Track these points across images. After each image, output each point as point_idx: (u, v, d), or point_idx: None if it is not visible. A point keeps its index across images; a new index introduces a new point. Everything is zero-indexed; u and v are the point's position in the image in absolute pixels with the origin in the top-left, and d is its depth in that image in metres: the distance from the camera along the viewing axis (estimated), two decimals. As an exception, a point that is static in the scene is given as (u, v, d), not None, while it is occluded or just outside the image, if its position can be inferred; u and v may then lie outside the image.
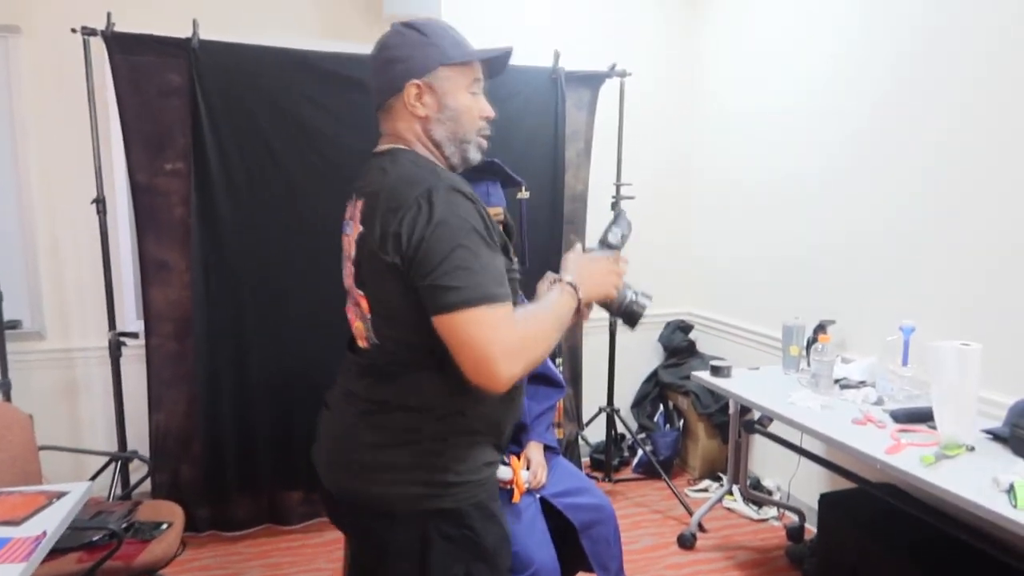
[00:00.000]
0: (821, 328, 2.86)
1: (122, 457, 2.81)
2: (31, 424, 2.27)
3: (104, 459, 2.93)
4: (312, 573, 2.82)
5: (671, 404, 3.91)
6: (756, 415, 2.95)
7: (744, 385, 2.74)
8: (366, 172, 1.35)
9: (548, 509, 1.95)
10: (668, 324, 4.03)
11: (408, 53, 1.32)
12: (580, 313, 1.32)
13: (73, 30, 2.67)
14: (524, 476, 1.91)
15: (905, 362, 2.46)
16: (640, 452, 3.73)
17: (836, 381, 2.61)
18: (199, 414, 2.96)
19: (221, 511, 3.05)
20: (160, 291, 2.92)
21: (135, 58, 2.75)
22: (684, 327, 4.00)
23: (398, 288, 1.20)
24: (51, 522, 1.61)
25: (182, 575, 2.78)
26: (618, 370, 3.60)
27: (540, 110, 3.22)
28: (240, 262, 2.92)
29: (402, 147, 1.34)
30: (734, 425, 3.03)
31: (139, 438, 3.05)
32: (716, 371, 2.86)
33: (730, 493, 3.21)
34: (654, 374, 4.02)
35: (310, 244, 2.98)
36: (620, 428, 3.70)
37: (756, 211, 3.45)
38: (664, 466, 3.58)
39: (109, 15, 2.68)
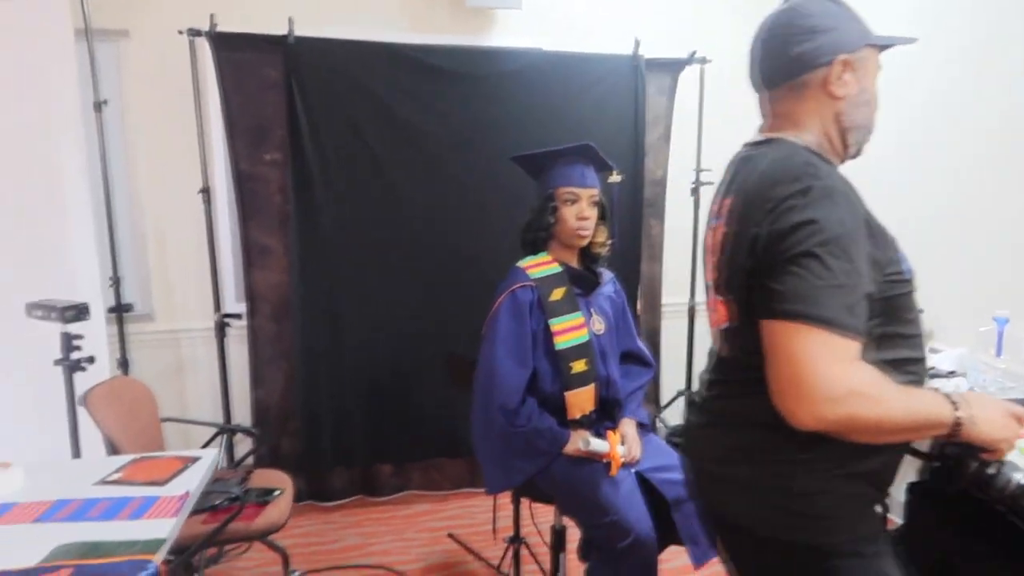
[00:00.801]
0: (909, 313, 2.84)
1: (230, 429, 3.00)
2: (154, 399, 2.46)
3: (211, 431, 3.14)
4: (403, 542, 2.96)
5: (748, 387, 3.91)
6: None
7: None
8: (737, 165, 1.25)
9: (642, 484, 2.01)
10: (745, 307, 4.02)
11: (834, 24, 1.16)
12: (953, 436, 1.06)
13: (180, 32, 2.85)
14: (620, 450, 1.98)
15: (999, 353, 2.42)
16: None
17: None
18: (297, 391, 3.13)
19: (318, 482, 3.22)
20: (261, 274, 3.09)
21: (236, 55, 2.91)
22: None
23: (751, 296, 1.09)
24: (191, 483, 1.76)
25: (285, 540, 2.95)
26: (697, 354, 3.63)
27: (622, 96, 3.26)
28: (335, 246, 3.07)
29: (785, 136, 1.19)
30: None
31: (241, 413, 3.26)
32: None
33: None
34: (730, 357, 4.01)
35: (400, 229, 3.12)
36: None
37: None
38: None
39: (212, 16, 2.84)
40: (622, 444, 2.02)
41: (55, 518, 1.57)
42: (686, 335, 3.58)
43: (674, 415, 3.77)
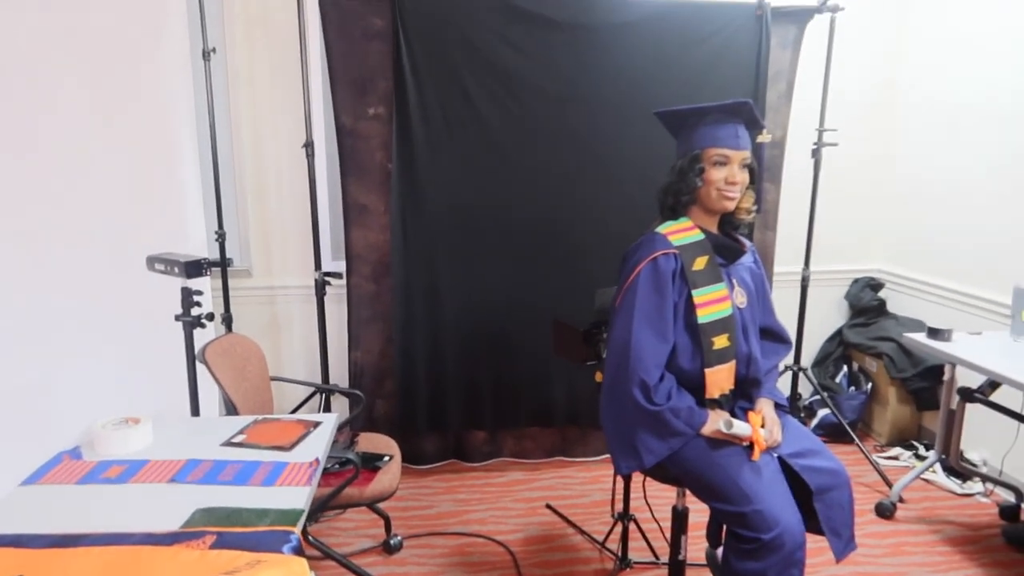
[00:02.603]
0: (1062, 292, 2.58)
1: (330, 390, 2.97)
2: (263, 357, 2.42)
3: (305, 391, 3.13)
4: (499, 511, 2.90)
5: (856, 365, 3.69)
6: (974, 384, 2.71)
7: (969, 350, 2.51)
8: None
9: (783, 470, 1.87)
10: (856, 281, 3.78)
11: None
12: None
13: (287, -24, 2.74)
14: (763, 433, 1.84)
15: None
16: (821, 413, 3.56)
17: (1088, 351, 2.35)
18: (394, 353, 3.07)
19: (412, 445, 3.17)
20: (360, 233, 3.02)
21: (342, 2, 2.79)
22: (874, 285, 3.73)
23: None
24: (317, 450, 1.70)
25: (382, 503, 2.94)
26: (808, 327, 3.41)
27: (741, 49, 3.02)
28: (436, 207, 2.97)
29: None
30: (948, 393, 2.80)
31: (335, 373, 3.23)
32: (934, 333, 2.64)
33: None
34: (838, 333, 3.80)
35: (503, 189, 2.99)
36: (800, 388, 3.54)
37: (978, 156, 3.12)
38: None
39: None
40: (763, 426, 1.88)
41: (188, 479, 1.53)
42: (797, 307, 3.37)
43: (781, 390, 3.58)
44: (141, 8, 2.46)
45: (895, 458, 3.39)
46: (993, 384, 2.66)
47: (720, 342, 1.86)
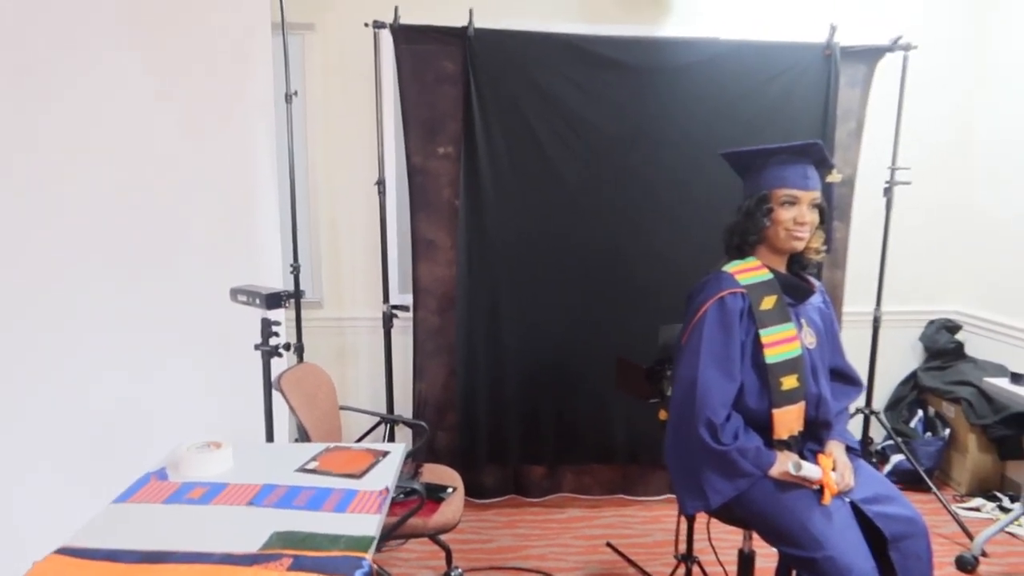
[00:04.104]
0: None
1: (395, 420, 3.03)
2: (334, 386, 2.50)
3: (369, 420, 3.19)
4: (559, 548, 2.88)
5: (932, 410, 3.55)
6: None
7: (1056, 397, 2.40)
8: None
9: (856, 516, 1.82)
10: (931, 323, 3.65)
11: None
12: None
13: (365, 24, 2.88)
14: (833, 476, 1.79)
15: None
16: (895, 459, 3.42)
17: None
18: (457, 385, 3.12)
19: (472, 478, 3.19)
20: (427, 267, 3.10)
21: (416, 47, 2.92)
22: (951, 327, 3.60)
23: None
24: (387, 479, 1.74)
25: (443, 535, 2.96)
26: (879, 368, 3.32)
27: (809, 88, 3.01)
28: (501, 243, 3.03)
29: None
30: (1034, 441, 2.67)
31: (399, 404, 3.29)
32: (1017, 379, 2.54)
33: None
34: (912, 376, 3.66)
35: (567, 227, 3.04)
36: (871, 432, 3.42)
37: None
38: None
39: (396, 9, 2.86)
40: (834, 470, 1.83)
41: (265, 503, 1.59)
42: (868, 348, 3.28)
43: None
44: (231, 55, 2.63)
45: (976, 509, 3.22)
46: (1083, 433, 2.52)
47: (788, 382, 1.83)
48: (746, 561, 2.08)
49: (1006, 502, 3.21)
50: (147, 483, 1.69)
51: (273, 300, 1.95)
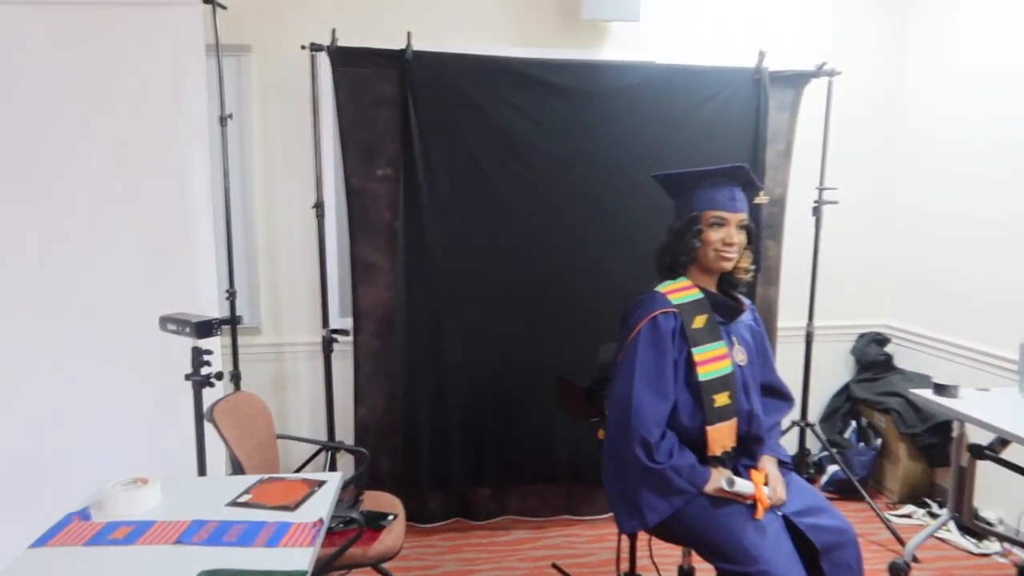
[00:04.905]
0: (1067, 347, 2.59)
1: (337, 447, 2.98)
2: (271, 415, 2.44)
3: (309, 448, 3.14)
4: (504, 571, 2.86)
5: (865, 421, 3.67)
6: (985, 440, 2.69)
7: (976, 407, 2.50)
8: None
9: (787, 529, 1.86)
10: (862, 336, 3.79)
11: None
12: None
13: (302, 47, 2.86)
14: (766, 491, 1.83)
15: None
16: (831, 469, 3.52)
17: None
18: (399, 409, 3.09)
19: (416, 503, 3.16)
20: (367, 291, 3.07)
21: (354, 70, 2.91)
22: (880, 340, 3.74)
23: None
24: (321, 509, 1.71)
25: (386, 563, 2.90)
26: (814, 381, 3.42)
27: (741, 111, 3.11)
28: (441, 265, 3.03)
29: None
30: (957, 450, 2.78)
31: (340, 430, 3.24)
32: (941, 389, 2.63)
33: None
34: (845, 388, 3.78)
35: (508, 248, 3.06)
36: (808, 444, 3.51)
37: (980, 212, 3.16)
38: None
39: (334, 31, 2.85)
40: (766, 484, 1.88)
41: (193, 540, 1.54)
42: (802, 361, 3.38)
43: (788, 446, 3.56)
44: (163, 77, 2.58)
45: (908, 516, 3.33)
46: (1004, 441, 2.64)
47: (721, 399, 1.87)
48: (686, 577, 2.10)
49: (935, 508, 3.33)
50: (69, 524, 1.62)
51: (204, 328, 1.90)
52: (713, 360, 1.88)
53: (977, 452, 2.68)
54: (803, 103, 3.24)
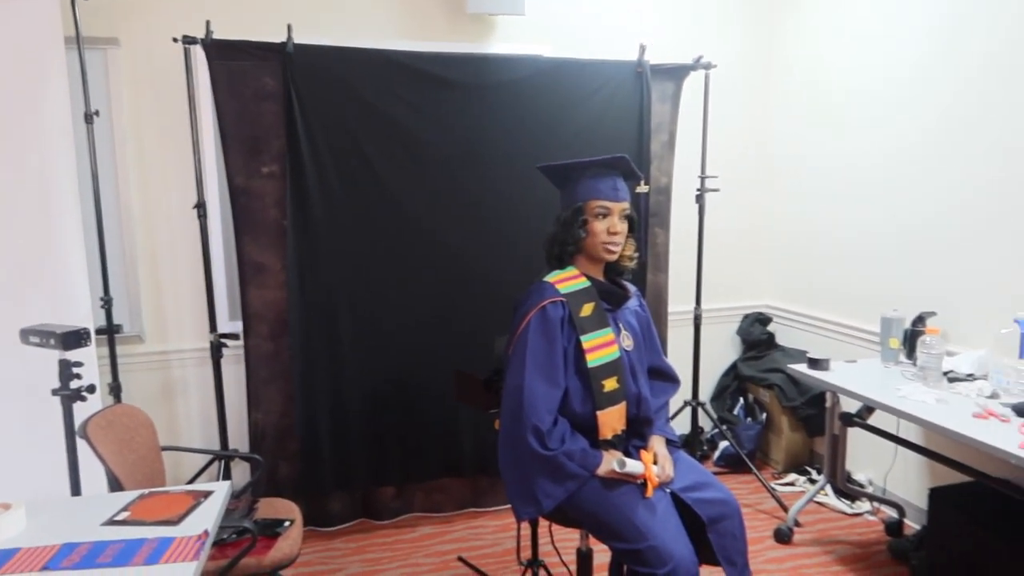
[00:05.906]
0: (920, 320, 2.83)
1: (229, 456, 2.87)
2: (154, 427, 2.33)
3: (205, 458, 3.01)
4: (410, 568, 2.85)
5: (751, 397, 3.88)
6: (854, 408, 2.90)
7: (845, 378, 2.70)
8: None
9: (675, 504, 1.94)
10: (746, 317, 4.00)
11: None
12: None
13: (175, 39, 2.72)
14: (655, 470, 1.91)
15: (1022, 355, 2.40)
16: (722, 445, 3.71)
17: (944, 374, 2.56)
18: (295, 412, 3.01)
19: (317, 507, 3.10)
20: (257, 292, 2.96)
21: (232, 64, 2.79)
22: (763, 319, 3.96)
23: None
24: (207, 521, 1.64)
25: (286, 570, 2.82)
26: (703, 363, 3.58)
27: (625, 103, 3.20)
28: (333, 262, 2.96)
29: None
30: (831, 418, 2.99)
31: (235, 437, 3.13)
32: (814, 364, 2.82)
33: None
34: (733, 367, 3.99)
35: (400, 243, 3.03)
36: (700, 422, 3.68)
37: (846, 199, 3.40)
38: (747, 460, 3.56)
39: (208, 23, 2.73)
40: (655, 463, 1.95)
41: (63, 565, 1.45)
42: (691, 344, 3.53)
43: (681, 425, 3.71)
44: (19, 72, 2.39)
45: (791, 484, 3.55)
46: (870, 408, 2.85)
47: (610, 384, 1.93)
48: (584, 559, 2.16)
49: (815, 475, 3.57)
50: (-82, 558, 1.49)
51: (71, 339, 1.78)
52: (601, 347, 1.94)
53: (847, 420, 2.89)
54: (684, 95, 3.37)
